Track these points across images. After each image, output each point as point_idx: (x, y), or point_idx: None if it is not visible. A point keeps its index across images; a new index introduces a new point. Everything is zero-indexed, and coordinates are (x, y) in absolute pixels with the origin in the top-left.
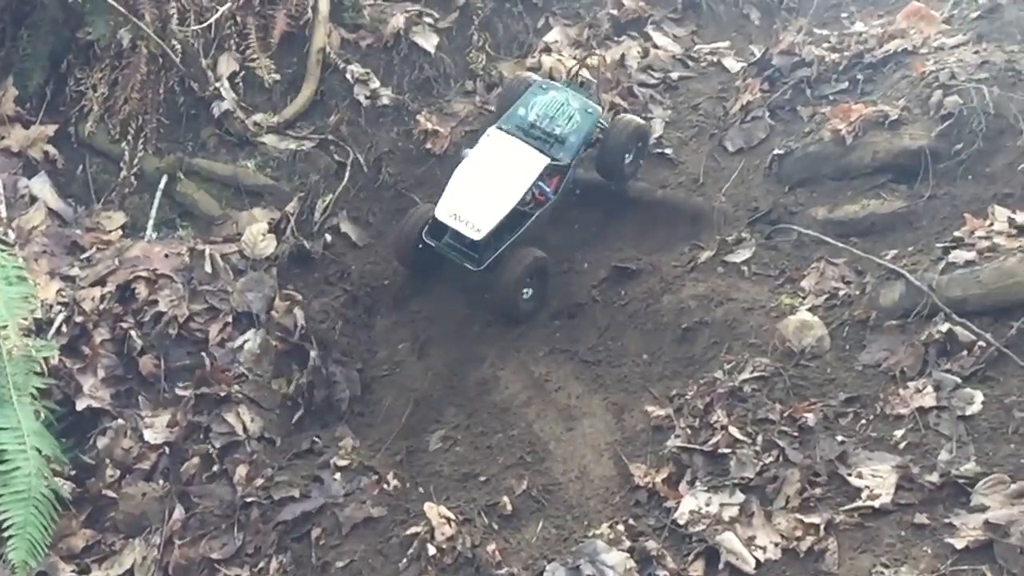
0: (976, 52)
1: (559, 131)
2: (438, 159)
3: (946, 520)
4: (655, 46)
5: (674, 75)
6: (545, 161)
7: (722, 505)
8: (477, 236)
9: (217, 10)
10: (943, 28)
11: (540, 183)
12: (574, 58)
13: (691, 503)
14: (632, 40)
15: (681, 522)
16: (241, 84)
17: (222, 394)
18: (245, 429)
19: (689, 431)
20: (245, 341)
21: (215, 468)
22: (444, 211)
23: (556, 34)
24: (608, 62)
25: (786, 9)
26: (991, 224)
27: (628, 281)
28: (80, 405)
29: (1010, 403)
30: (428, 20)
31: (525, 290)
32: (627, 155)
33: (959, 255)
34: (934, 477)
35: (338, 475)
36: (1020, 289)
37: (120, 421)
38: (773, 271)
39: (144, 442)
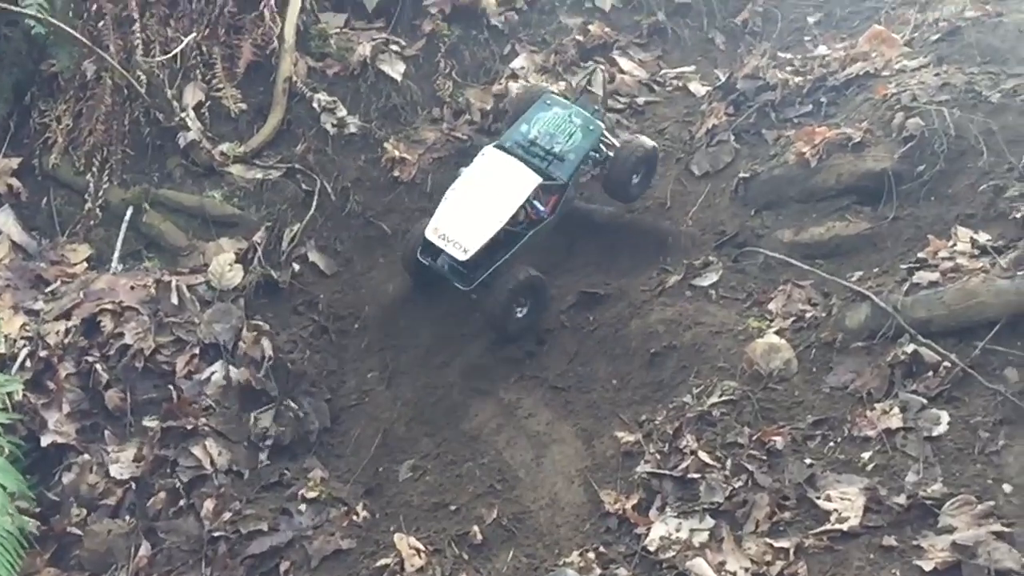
0: (937, 74)
1: (558, 148)
2: (406, 186)
3: (914, 542)
4: (621, 71)
5: (640, 100)
6: (536, 180)
7: (692, 531)
8: (463, 257)
9: (182, 40)
10: (904, 51)
11: (534, 202)
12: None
13: (661, 529)
14: (598, 65)
15: (651, 548)
16: (207, 114)
17: (189, 427)
18: (212, 462)
19: (658, 456)
20: (212, 373)
21: (182, 503)
22: (433, 231)
23: (522, 60)
24: (574, 88)
25: (750, 33)
26: (954, 245)
27: (596, 306)
28: (45, 440)
29: (975, 423)
30: (394, 48)
31: (519, 308)
32: (635, 176)
33: (923, 276)
34: (902, 499)
35: (306, 507)
36: (983, 309)
37: (86, 456)
38: (740, 294)
39: (110, 477)
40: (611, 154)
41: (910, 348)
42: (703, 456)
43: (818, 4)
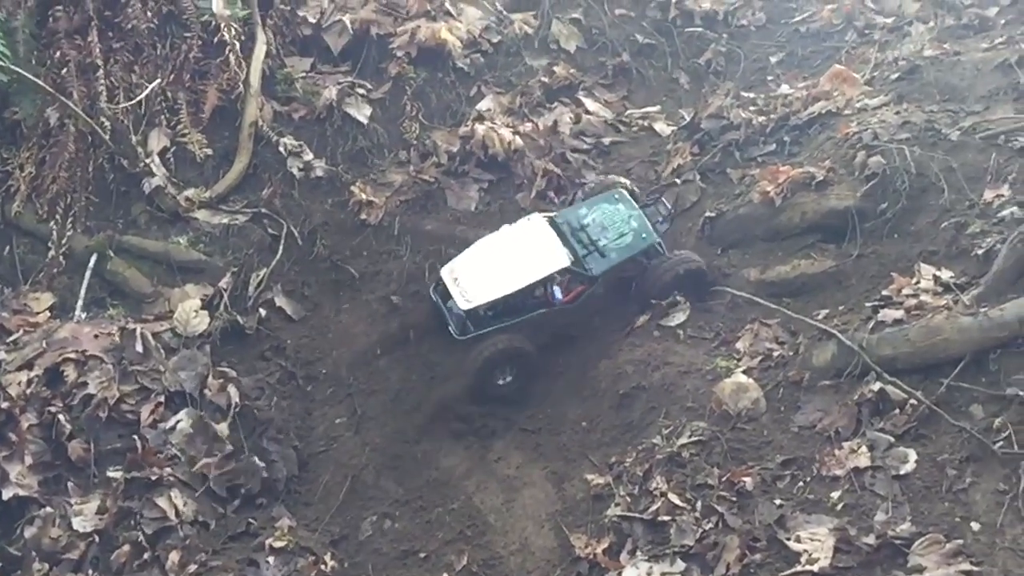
0: (897, 112)
1: (604, 243)
2: (373, 229)
3: None
4: (587, 112)
5: (606, 140)
6: (565, 262)
7: (663, 574)
8: (464, 306)
9: (147, 86)
10: (865, 89)
11: (554, 286)
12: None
13: (632, 573)
14: (564, 106)
15: None
16: (172, 159)
17: (154, 477)
18: (178, 513)
19: (629, 499)
20: (178, 421)
21: (146, 555)
22: (448, 272)
23: (489, 102)
24: (541, 129)
25: (714, 73)
26: (917, 282)
27: (565, 347)
28: (7, 494)
29: (943, 461)
30: (361, 91)
31: (501, 376)
32: (678, 293)
33: (888, 314)
34: (871, 539)
35: (274, 558)
36: (948, 346)
37: (48, 509)
38: (708, 334)
39: (73, 530)
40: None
41: (876, 386)
42: (673, 498)
43: (780, 44)
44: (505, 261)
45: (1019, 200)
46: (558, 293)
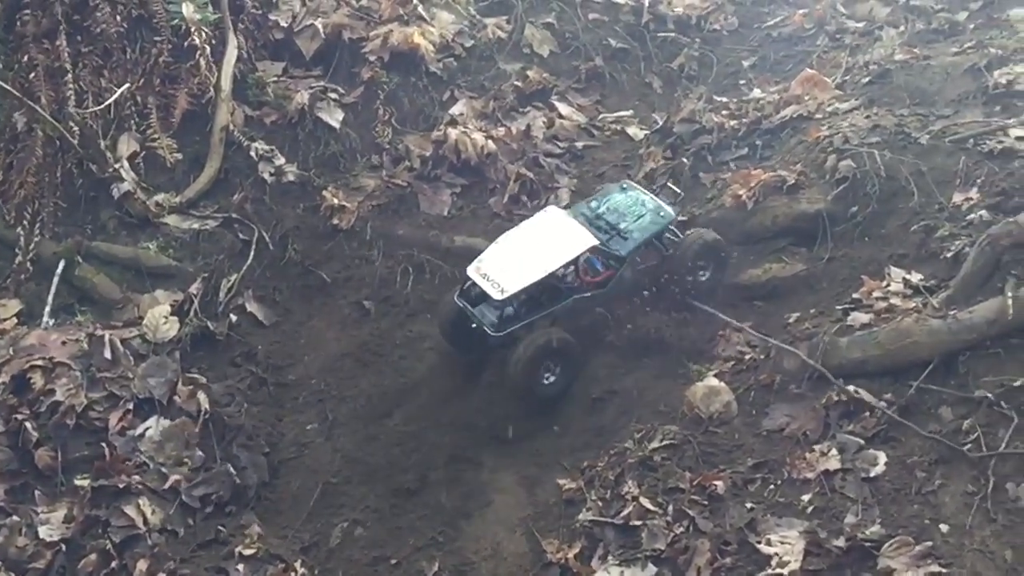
0: (868, 116)
1: (624, 226)
2: (345, 234)
3: None
4: (560, 116)
5: (579, 144)
6: (593, 241)
7: None
8: (498, 296)
9: (116, 90)
10: (836, 93)
11: (595, 261)
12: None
13: None
14: (537, 111)
15: None
16: (142, 164)
17: (122, 485)
18: (146, 521)
19: (600, 503)
20: (147, 428)
21: (114, 564)
22: (475, 270)
23: (461, 107)
24: (514, 133)
25: (687, 77)
26: (887, 285)
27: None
28: None
29: (912, 463)
30: (333, 96)
31: (547, 374)
32: (700, 272)
33: (857, 317)
34: (840, 541)
35: (243, 565)
36: (917, 349)
37: (14, 518)
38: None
39: (39, 539)
40: (670, 251)
41: (851, 388)
42: (645, 502)
43: (752, 48)
44: (532, 249)
45: (988, 203)
46: (599, 266)
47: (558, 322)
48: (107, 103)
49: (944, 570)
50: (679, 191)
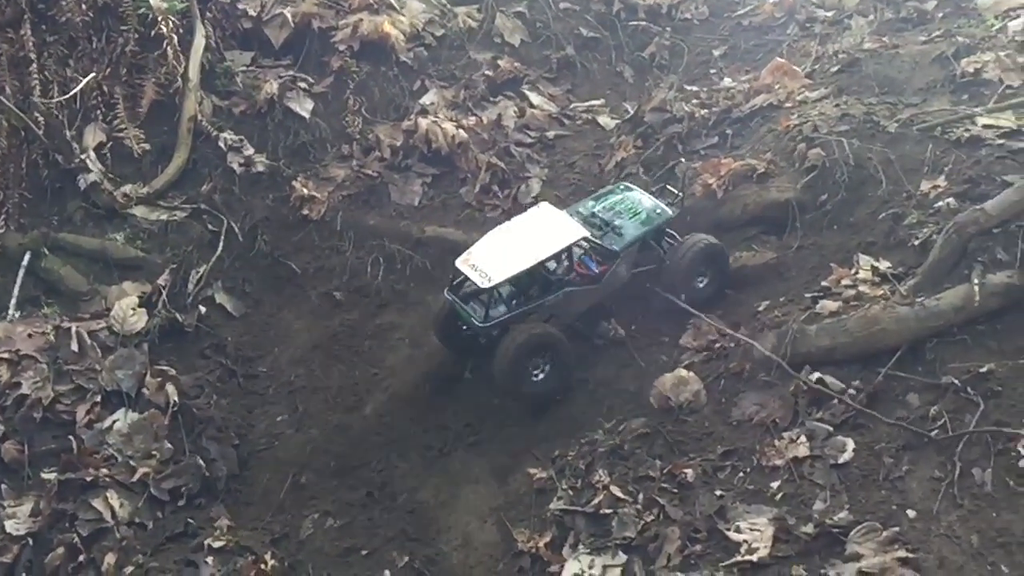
0: (837, 105)
1: (618, 222)
2: (316, 225)
3: (822, 571)
4: (531, 105)
5: (550, 134)
6: (582, 233)
7: (605, 567)
8: (484, 284)
9: (81, 80)
10: (806, 82)
11: (587, 259)
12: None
13: (574, 567)
14: (508, 100)
15: None
16: (109, 155)
17: (89, 478)
18: (114, 514)
19: (571, 492)
20: (115, 421)
21: (81, 558)
22: (463, 261)
23: (432, 96)
24: (485, 123)
25: (658, 67)
26: (856, 273)
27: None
28: None
29: (880, 449)
30: (302, 85)
31: (535, 370)
32: (700, 278)
33: (826, 305)
34: (809, 528)
35: (213, 558)
36: (885, 336)
37: None
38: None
39: (5, 533)
40: (667, 255)
41: (814, 377)
42: (615, 491)
43: (723, 37)
44: (521, 241)
45: (955, 191)
46: (593, 264)
47: (552, 319)
48: (73, 93)
49: (911, 555)
50: (678, 192)
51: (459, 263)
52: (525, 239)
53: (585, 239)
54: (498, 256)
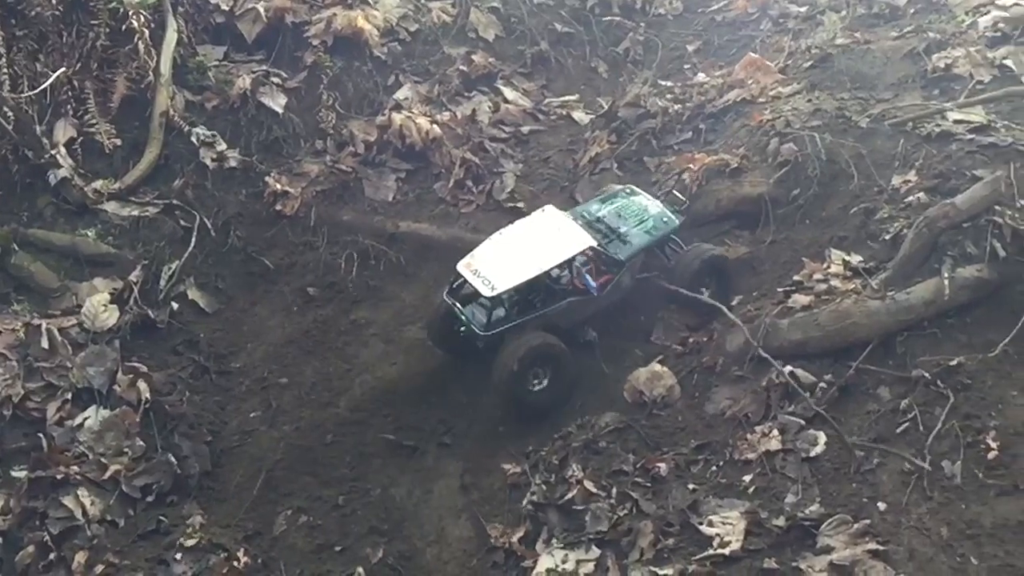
0: (809, 100)
1: (623, 229)
2: (289, 220)
3: (794, 564)
4: (505, 101)
5: (525, 129)
6: (589, 242)
7: (578, 562)
8: (488, 293)
9: (51, 75)
10: (779, 78)
11: (585, 274)
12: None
13: (548, 561)
14: (483, 95)
15: None
16: (79, 150)
17: (60, 476)
18: (85, 512)
19: (545, 487)
20: (86, 418)
21: (52, 556)
22: (465, 266)
23: (406, 91)
24: (459, 118)
25: (632, 62)
26: (828, 267)
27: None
28: None
29: (851, 442)
30: (276, 80)
31: (535, 380)
32: (704, 290)
33: (798, 299)
34: (781, 521)
35: (185, 555)
36: (857, 329)
37: None
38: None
39: None
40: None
41: (787, 370)
42: (589, 485)
43: (697, 33)
44: (526, 248)
45: (926, 186)
46: (591, 280)
47: (551, 328)
48: (43, 88)
49: (881, 547)
50: (684, 198)
51: (461, 267)
52: (530, 245)
53: (592, 248)
54: (502, 263)
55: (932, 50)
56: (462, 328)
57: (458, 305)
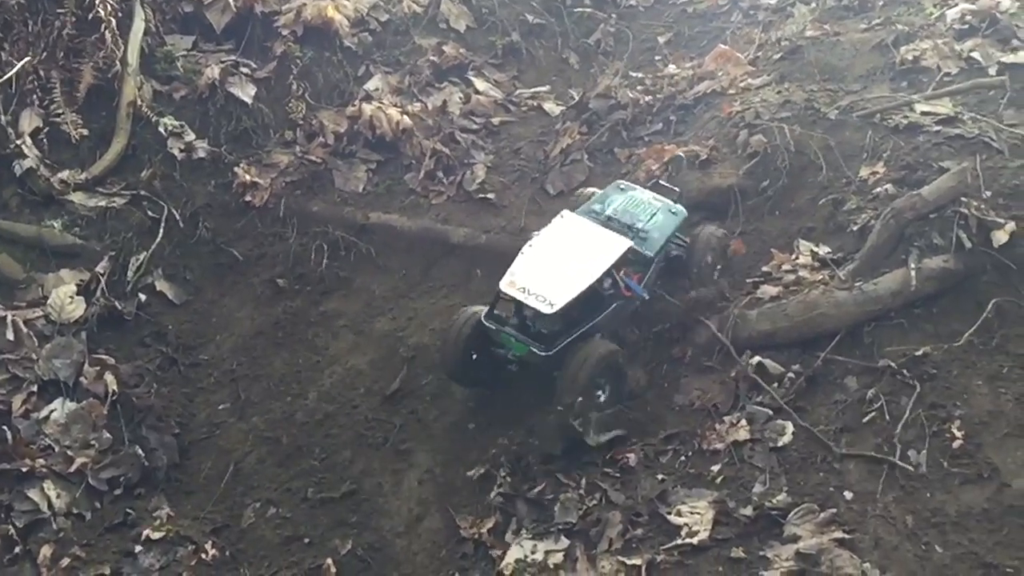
0: (779, 92)
1: (640, 225)
2: (258, 211)
3: (761, 553)
4: (476, 92)
5: (495, 120)
6: (628, 243)
7: (547, 552)
8: (547, 311)
9: (16, 64)
10: (749, 69)
11: (626, 278)
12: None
13: (517, 552)
14: (454, 86)
15: (507, 572)
16: (45, 140)
17: (25, 469)
18: (51, 505)
19: (510, 479)
20: (52, 411)
21: (17, 550)
22: (510, 285)
23: (377, 82)
24: (430, 109)
25: (603, 53)
26: (796, 258)
27: None
28: None
29: (818, 432)
30: (245, 70)
31: (599, 390)
32: (717, 270)
33: (767, 290)
34: (748, 510)
35: (152, 548)
36: (825, 320)
37: None
38: None
39: None
40: (684, 250)
41: (755, 360)
42: (558, 476)
43: (668, 24)
44: (567, 258)
45: (893, 177)
46: (634, 283)
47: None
48: (7, 77)
49: (847, 535)
50: (676, 188)
51: (505, 287)
52: (569, 254)
53: (631, 249)
54: (550, 276)
55: (900, 42)
56: (513, 353)
57: (507, 329)
